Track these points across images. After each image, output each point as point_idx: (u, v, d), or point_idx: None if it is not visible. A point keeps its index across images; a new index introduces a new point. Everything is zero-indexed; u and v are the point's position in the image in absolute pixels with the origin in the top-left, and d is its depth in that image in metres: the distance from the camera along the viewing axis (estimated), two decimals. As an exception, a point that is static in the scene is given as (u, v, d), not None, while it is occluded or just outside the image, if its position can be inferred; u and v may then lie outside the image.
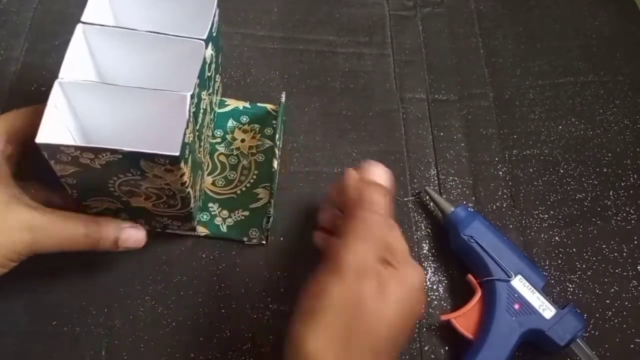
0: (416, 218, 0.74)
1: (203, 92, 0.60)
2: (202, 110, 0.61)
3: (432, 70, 0.85)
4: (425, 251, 0.72)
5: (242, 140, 0.75)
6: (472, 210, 0.73)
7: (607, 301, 0.70)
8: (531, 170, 0.78)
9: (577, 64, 0.88)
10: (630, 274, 0.72)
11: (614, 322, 0.69)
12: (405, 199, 0.75)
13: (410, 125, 0.80)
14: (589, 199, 0.77)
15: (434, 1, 0.92)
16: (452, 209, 0.70)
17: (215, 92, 0.71)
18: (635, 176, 0.78)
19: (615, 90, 0.86)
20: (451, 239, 0.70)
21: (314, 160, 0.76)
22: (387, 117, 0.80)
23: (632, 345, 0.68)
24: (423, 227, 0.73)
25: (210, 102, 0.67)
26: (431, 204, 0.74)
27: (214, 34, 0.61)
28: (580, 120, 0.83)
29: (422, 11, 0.91)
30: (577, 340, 0.63)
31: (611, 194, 0.77)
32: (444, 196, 0.74)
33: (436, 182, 0.76)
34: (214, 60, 0.64)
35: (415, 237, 0.72)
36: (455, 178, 0.77)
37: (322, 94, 0.81)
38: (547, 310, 0.64)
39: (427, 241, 0.72)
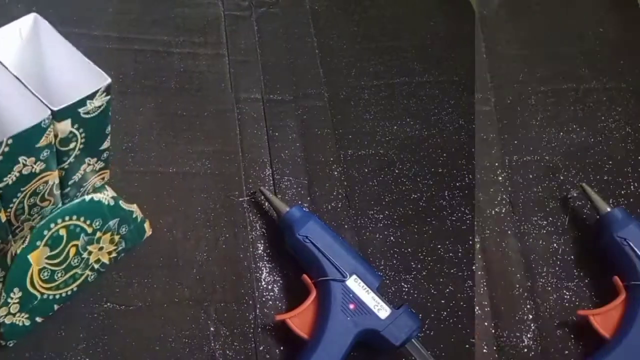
0: (251, 218, 0.73)
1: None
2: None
3: (267, 70, 0.86)
4: (260, 251, 0.71)
5: None
6: (308, 210, 0.72)
7: (442, 301, 0.71)
8: (366, 170, 0.79)
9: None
10: (465, 274, 0.73)
11: (449, 322, 0.69)
12: (240, 199, 0.74)
13: (246, 125, 0.80)
14: (424, 199, 0.77)
15: (269, 1, 0.93)
16: (288, 209, 0.70)
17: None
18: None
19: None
20: (286, 239, 0.69)
21: (149, 160, 0.76)
22: (222, 117, 0.81)
23: (467, 345, 0.68)
24: (258, 227, 0.73)
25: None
26: (266, 204, 0.74)
27: (84, 114, 0.52)
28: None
29: (257, 11, 0.91)
30: (412, 340, 0.64)
31: (446, 194, 0.78)
32: (279, 196, 0.74)
33: (271, 182, 0.76)
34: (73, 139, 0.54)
35: (250, 237, 0.72)
36: (291, 178, 0.77)
37: (157, 94, 0.82)
38: (382, 310, 0.64)
39: (262, 241, 0.72)
